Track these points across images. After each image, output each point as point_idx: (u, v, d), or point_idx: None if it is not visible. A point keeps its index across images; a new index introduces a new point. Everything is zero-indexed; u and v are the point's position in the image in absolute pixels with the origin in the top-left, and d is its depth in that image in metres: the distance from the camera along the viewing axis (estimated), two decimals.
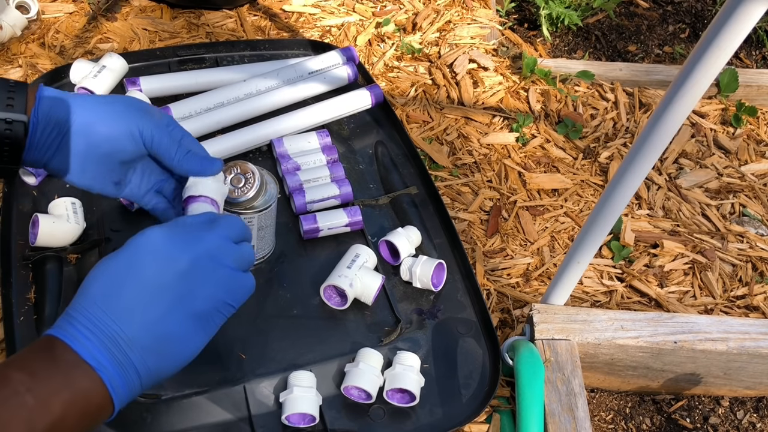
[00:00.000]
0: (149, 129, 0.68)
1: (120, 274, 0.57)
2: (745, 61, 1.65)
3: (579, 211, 1.19)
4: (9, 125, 0.62)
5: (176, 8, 1.45)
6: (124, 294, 0.56)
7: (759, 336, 0.94)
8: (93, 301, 0.55)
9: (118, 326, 0.54)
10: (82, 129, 0.66)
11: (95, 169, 0.68)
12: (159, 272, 0.57)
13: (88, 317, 0.54)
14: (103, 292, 0.55)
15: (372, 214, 1.02)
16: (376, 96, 1.13)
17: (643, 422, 0.99)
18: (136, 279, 0.56)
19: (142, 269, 0.57)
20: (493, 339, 0.91)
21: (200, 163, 0.71)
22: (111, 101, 0.69)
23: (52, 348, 0.53)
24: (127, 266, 0.57)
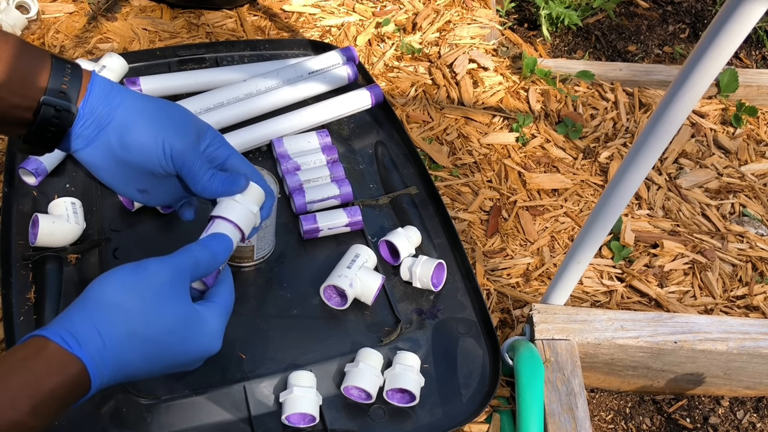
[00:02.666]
0: (181, 148, 0.66)
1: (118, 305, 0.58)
2: (745, 61, 1.65)
3: (579, 211, 1.19)
4: (58, 113, 0.62)
5: (176, 8, 1.45)
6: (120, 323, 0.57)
7: (759, 336, 0.94)
8: (87, 315, 0.57)
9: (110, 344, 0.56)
10: (118, 131, 0.65)
11: (122, 172, 0.68)
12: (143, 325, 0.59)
13: (81, 329, 0.56)
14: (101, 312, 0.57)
15: (372, 214, 1.02)
16: (376, 96, 1.13)
17: (643, 422, 0.99)
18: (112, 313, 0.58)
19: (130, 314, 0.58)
20: (493, 339, 0.91)
21: (223, 184, 0.69)
22: (153, 107, 0.67)
23: (45, 347, 0.54)
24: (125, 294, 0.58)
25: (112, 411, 0.78)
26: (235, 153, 0.72)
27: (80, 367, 0.54)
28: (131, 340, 0.57)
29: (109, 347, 0.56)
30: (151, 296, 0.59)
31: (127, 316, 0.57)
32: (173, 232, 0.95)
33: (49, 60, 0.62)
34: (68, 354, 0.53)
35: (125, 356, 0.57)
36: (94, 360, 0.54)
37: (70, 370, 0.53)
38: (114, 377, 0.57)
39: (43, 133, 0.63)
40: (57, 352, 0.53)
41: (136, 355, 0.57)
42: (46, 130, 0.63)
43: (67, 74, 0.63)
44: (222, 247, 0.67)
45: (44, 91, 0.61)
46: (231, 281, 0.68)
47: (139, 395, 0.79)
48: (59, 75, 0.62)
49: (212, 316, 0.63)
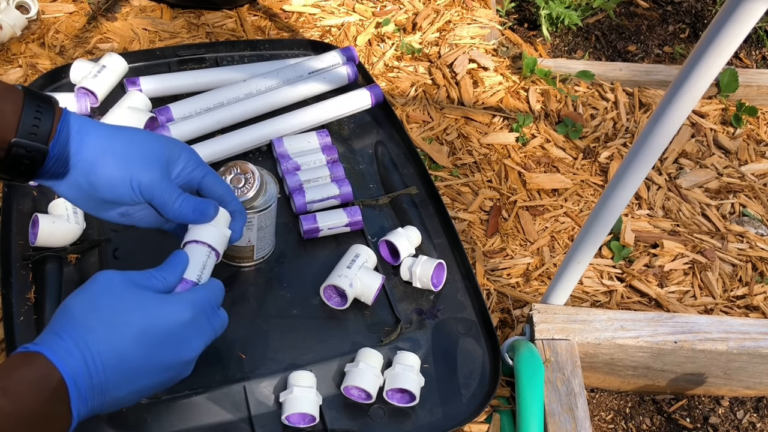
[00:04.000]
0: (148, 181, 0.68)
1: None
2: (745, 61, 1.65)
3: (579, 211, 1.19)
4: (29, 153, 0.63)
5: (176, 8, 1.45)
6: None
7: (759, 336, 0.94)
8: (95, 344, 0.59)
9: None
10: (86, 168, 0.67)
11: (97, 205, 0.70)
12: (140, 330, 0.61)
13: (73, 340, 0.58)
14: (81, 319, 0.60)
15: (372, 214, 1.02)
16: (376, 96, 1.13)
17: (643, 422, 0.99)
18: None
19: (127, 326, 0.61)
20: (493, 339, 0.91)
21: (193, 212, 0.71)
22: (120, 141, 0.68)
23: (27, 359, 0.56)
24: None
25: None
26: (210, 173, 0.74)
27: (42, 358, 0.55)
28: (85, 326, 0.59)
29: (66, 338, 0.57)
30: (99, 289, 0.62)
31: (75, 309, 0.60)
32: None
33: (21, 97, 0.63)
34: (28, 352, 0.56)
35: (89, 344, 0.58)
36: (54, 352, 0.56)
37: (32, 359, 0.55)
38: (90, 372, 0.57)
39: (15, 169, 0.64)
40: (20, 354, 0.56)
41: (102, 343, 0.58)
42: (18, 167, 0.64)
43: (39, 114, 0.63)
44: (176, 259, 0.68)
45: (15, 132, 0.62)
46: (210, 283, 0.70)
47: None
48: (30, 114, 0.63)
49: (176, 294, 0.65)
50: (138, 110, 1.05)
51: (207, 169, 0.73)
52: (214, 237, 0.73)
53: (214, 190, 0.74)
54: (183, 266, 0.68)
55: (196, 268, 0.70)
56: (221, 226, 0.74)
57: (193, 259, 0.71)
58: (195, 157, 0.73)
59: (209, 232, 0.72)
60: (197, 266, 0.70)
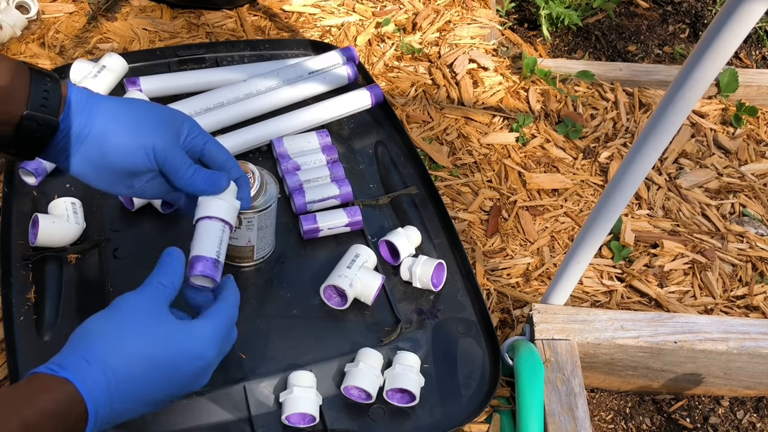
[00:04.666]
0: (162, 146, 0.68)
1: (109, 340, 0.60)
2: (745, 61, 1.65)
3: (579, 211, 1.19)
4: (40, 126, 0.63)
5: (176, 8, 1.45)
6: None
7: (759, 336, 0.94)
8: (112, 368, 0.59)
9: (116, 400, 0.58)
10: (97, 138, 0.66)
11: (106, 175, 0.69)
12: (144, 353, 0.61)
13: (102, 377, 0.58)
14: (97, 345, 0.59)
15: (372, 214, 1.02)
16: (376, 96, 1.13)
17: (643, 422, 0.99)
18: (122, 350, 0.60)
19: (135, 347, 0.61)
20: (493, 339, 0.91)
21: (205, 183, 0.71)
22: (129, 110, 0.68)
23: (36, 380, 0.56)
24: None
25: None
26: (211, 140, 0.74)
27: (69, 386, 0.55)
28: (114, 357, 0.58)
29: (95, 366, 0.57)
30: (123, 318, 0.61)
31: (104, 339, 0.59)
32: (173, 232, 0.95)
33: (28, 72, 0.63)
34: (55, 377, 0.56)
35: (116, 375, 0.58)
36: (82, 379, 0.56)
37: (60, 389, 0.55)
38: (113, 400, 0.58)
39: (26, 143, 0.64)
40: (45, 377, 0.56)
41: (125, 371, 0.59)
42: (30, 141, 0.64)
43: (47, 86, 0.63)
44: (170, 257, 0.68)
45: (26, 105, 0.62)
46: (230, 298, 0.70)
47: None
48: (39, 88, 0.63)
49: (200, 324, 0.65)
50: None
51: (208, 136, 0.74)
52: (226, 210, 0.72)
53: (216, 156, 0.74)
54: (180, 264, 0.68)
55: (214, 245, 0.70)
56: (230, 198, 0.73)
57: (209, 235, 0.70)
58: (196, 125, 0.73)
59: (220, 206, 0.72)
60: (215, 243, 0.70)
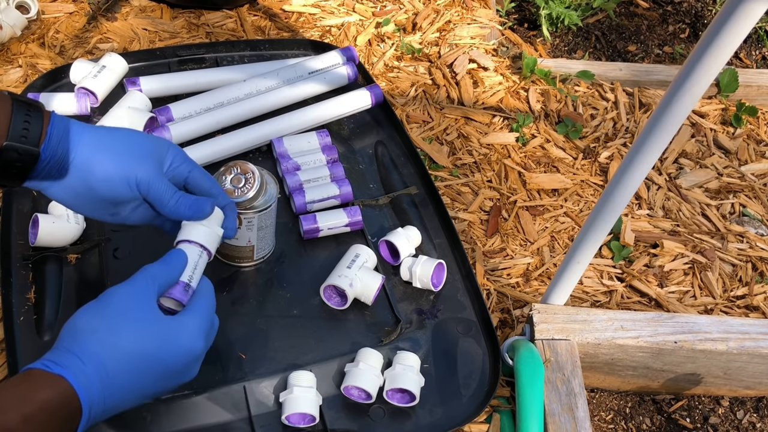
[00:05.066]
0: (145, 176, 0.69)
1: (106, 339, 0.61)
2: (745, 61, 1.65)
3: (579, 211, 1.19)
4: (21, 156, 0.63)
5: (176, 8, 1.45)
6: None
7: (759, 336, 0.94)
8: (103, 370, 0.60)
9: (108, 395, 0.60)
10: (80, 168, 0.67)
11: (90, 204, 0.70)
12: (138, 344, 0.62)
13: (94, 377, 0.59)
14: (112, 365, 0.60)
15: (372, 214, 1.02)
16: (376, 96, 1.13)
17: (643, 422, 0.99)
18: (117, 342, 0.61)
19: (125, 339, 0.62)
20: (493, 339, 0.91)
21: (189, 209, 0.72)
22: (112, 140, 0.69)
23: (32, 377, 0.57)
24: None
25: None
26: (196, 168, 0.74)
27: (65, 383, 0.57)
28: (108, 353, 0.60)
29: (89, 363, 0.58)
30: (115, 312, 0.62)
31: (96, 334, 0.60)
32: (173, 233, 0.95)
33: (10, 102, 0.63)
34: (51, 374, 0.57)
35: (109, 372, 0.59)
36: (76, 376, 0.57)
37: (56, 386, 0.56)
38: (105, 396, 0.59)
39: (6, 173, 0.64)
40: (41, 374, 0.57)
41: (118, 367, 0.60)
42: (10, 171, 0.64)
43: (29, 117, 0.63)
44: (176, 258, 0.69)
45: (6, 136, 0.62)
46: (206, 291, 0.71)
47: None
48: (20, 118, 0.63)
49: (187, 319, 0.66)
50: (138, 110, 1.05)
51: (193, 164, 0.74)
52: (206, 236, 0.72)
53: (201, 184, 0.74)
54: (183, 266, 0.69)
55: (188, 269, 0.70)
56: (213, 224, 0.74)
57: None
58: (181, 153, 0.73)
59: (201, 231, 0.72)
60: (189, 267, 0.70)
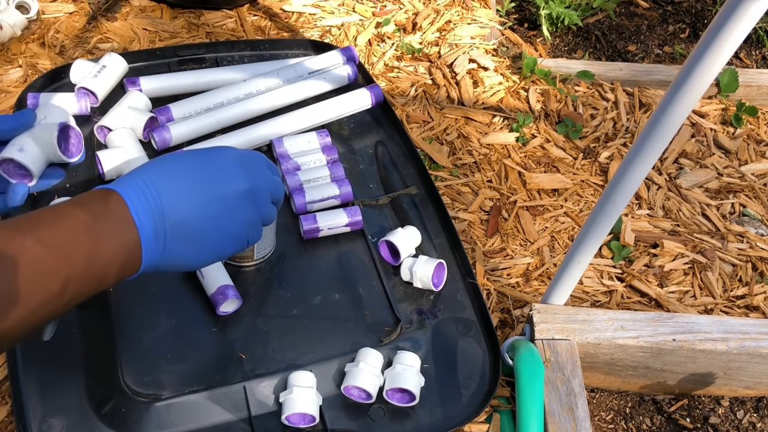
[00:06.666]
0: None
1: (188, 171, 0.65)
2: (745, 61, 1.65)
3: (579, 211, 1.19)
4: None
5: (176, 8, 1.45)
6: (185, 187, 0.64)
7: (759, 336, 0.94)
8: (156, 178, 0.63)
9: (169, 207, 0.62)
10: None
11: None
12: (222, 185, 0.67)
13: (148, 188, 0.62)
14: (168, 177, 0.64)
15: (372, 214, 1.02)
16: (376, 96, 1.13)
17: (643, 422, 0.99)
18: (200, 180, 0.66)
19: (208, 176, 0.66)
20: (493, 339, 0.91)
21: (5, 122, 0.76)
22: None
23: (109, 199, 0.60)
24: (197, 167, 0.66)
25: (112, 411, 0.78)
26: None
27: (115, 194, 0.61)
28: (172, 176, 0.64)
29: (149, 183, 0.62)
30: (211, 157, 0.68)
31: (164, 161, 0.65)
32: None
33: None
34: (104, 190, 0.61)
35: (168, 193, 0.63)
36: (129, 194, 0.61)
37: (105, 197, 0.60)
38: (163, 221, 0.62)
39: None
40: (96, 190, 0.62)
41: (180, 189, 0.64)
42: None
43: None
44: None
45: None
46: None
47: (139, 395, 0.80)
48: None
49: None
50: (138, 110, 1.05)
51: None
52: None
53: None
54: None
55: None
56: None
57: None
58: None
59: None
60: None
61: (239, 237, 0.69)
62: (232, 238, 0.68)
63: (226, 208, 0.66)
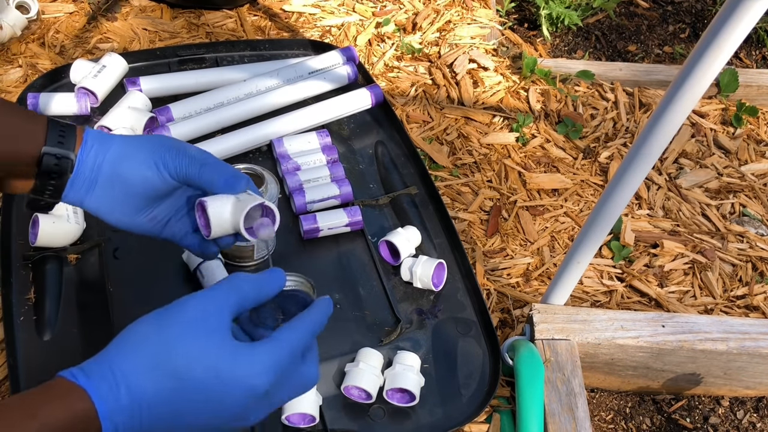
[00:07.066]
0: (172, 159, 0.69)
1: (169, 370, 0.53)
2: (745, 61, 1.65)
3: (579, 211, 1.19)
4: (58, 161, 0.66)
5: (176, 8, 1.45)
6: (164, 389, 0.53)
7: (759, 336, 0.94)
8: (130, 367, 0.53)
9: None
10: (111, 168, 0.69)
11: (125, 205, 0.70)
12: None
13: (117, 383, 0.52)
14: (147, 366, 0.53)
15: (372, 214, 1.02)
16: (376, 96, 1.13)
17: (643, 422, 0.99)
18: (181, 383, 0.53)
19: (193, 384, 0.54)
20: (493, 339, 0.91)
21: (222, 174, 0.69)
22: (138, 139, 0.71)
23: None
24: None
25: None
26: (221, 162, 0.72)
27: (84, 397, 0.51)
28: (149, 373, 0.53)
29: (120, 379, 0.52)
30: (175, 323, 0.55)
31: (145, 346, 0.54)
32: None
33: (45, 119, 0.67)
34: (73, 385, 0.51)
35: (141, 393, 0.52)
36: (99, 391, 0.51)
37: (72, 398, 0.51)
38: (137, 419, 0.53)
39: (44, 186, 0.66)
40: (63, 383, 0.51)
41: (152, 389, 0.53)
42: (48, 180, 0.66)
43: (63, 129, 0.67)
44: (274, 276, 0.63)
45: (44, 143, 0.65)
46: (312, 319, 0.61)
47: None
48: (55, 130, 0.67)
49: (262, 350, 0.55)
50: (138, 110, 1.05)
51: (218, 160, 0.72)
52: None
53: (214, 177, 0.70)
54: (279, 287, 0.64)
55: None
56: (241, 208, 0.69)
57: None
58: (206, 153, 0.72)
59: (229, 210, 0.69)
60: None
61: None
62: None
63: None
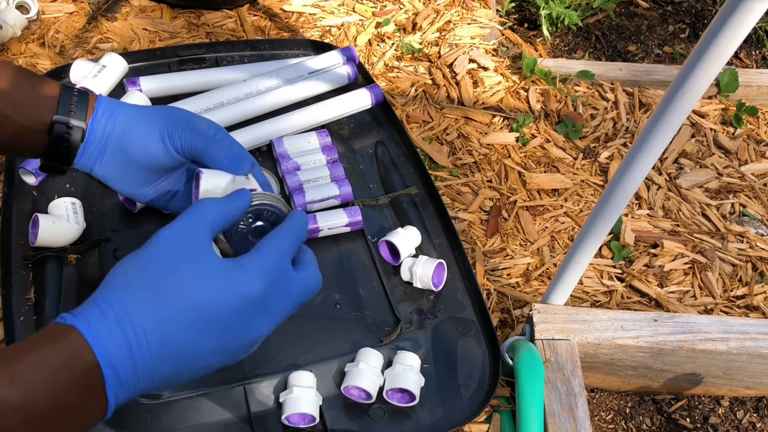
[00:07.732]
0: (179, 134, 0.70)
1: (161, 284, 0.52)
2: (745, 61, 1.65)
3: (579, 211, 1.19)
4: (69, 129, 0.68)
5: (176, 8, 1.45)
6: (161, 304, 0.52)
7: (759, 336, 0.94)
8: (125, 294, 0.52)
9: (142, 331, 0.51)
10: (120, 137, 0.70)
11: (133, 176, 0.71)
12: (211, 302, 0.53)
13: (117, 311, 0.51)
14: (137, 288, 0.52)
15: (372, 214, 1.02)
16: (376, 96, 1.13)
17: (643, 422, 0.99)
18: (179, 296, 0.53)
19: (189, 292, 0.53)
20: (493, 339, 0.91)
21: (228, 153, 0.68)
22: (149, 110, 0.72)
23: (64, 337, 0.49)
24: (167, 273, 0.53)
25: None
26: (234, 141, 0.72)
27: (74, 334, 0.48)
28: (134, 300, 0.51)
29: (108, 311, 0.50)
30: (157, 259, 0.54)
31: (124, 279, 0.52)
32: None
33: (58, 86, 0.69)
34: (59, 326, 0.49)
35: (138, 324, 0.50)
36: (90, 327, 0.49)
37: (61, 337, 0.48)
38: (136, 352, 0.50)
39: (56, 150, 0.68)
40: (49, 329, 0.50)
41: (146, 316, 0.51)
42: (60, 147, 0.68)
43: (75, 97, 0.69)
44: (240, 197, 0.62)
45: (56, 111, 0.67)
46: (290, 225, 0.61)
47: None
48: (68, 97, 0.68)
49: (246, 259, 0.56)
50: None
51: (230, 136, 0.72)
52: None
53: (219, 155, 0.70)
54: (245, 206, 0.63)
55: None
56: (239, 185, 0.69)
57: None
58: (217, 126, 0.73)
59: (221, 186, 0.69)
60: None
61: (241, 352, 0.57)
62: (234, 355, 0.57)
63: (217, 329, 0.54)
